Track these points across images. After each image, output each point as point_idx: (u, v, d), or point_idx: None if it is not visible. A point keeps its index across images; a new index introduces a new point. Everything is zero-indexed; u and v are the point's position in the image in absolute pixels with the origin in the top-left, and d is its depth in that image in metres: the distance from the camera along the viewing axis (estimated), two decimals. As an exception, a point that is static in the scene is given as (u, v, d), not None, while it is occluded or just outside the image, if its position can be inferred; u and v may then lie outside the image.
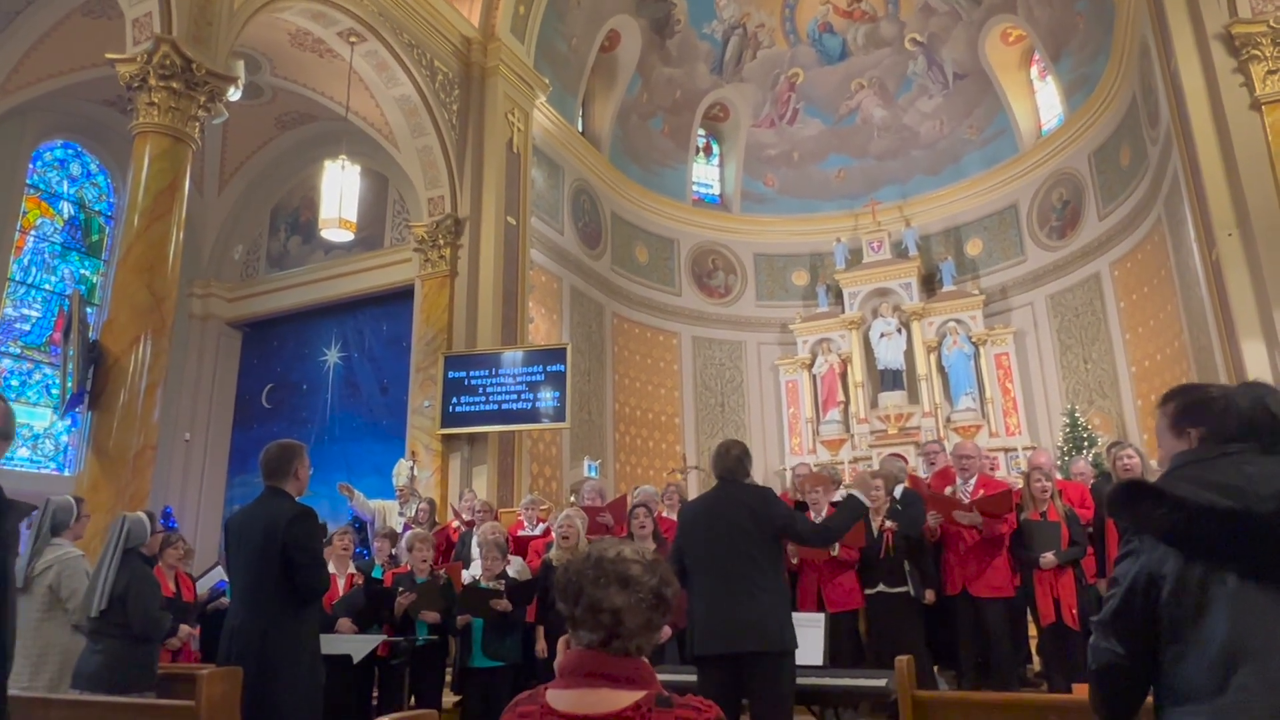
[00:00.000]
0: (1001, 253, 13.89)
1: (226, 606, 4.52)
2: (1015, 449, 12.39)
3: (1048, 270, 13.15)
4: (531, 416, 9.90)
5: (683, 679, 3.61)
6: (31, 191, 11.37)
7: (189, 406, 12.28)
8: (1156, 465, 5.30)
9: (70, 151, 11.96)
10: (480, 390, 9.94)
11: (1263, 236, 7.34)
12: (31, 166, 11.35)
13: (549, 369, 9.88)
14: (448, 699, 5.52)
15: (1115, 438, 10.46)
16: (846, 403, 13.93)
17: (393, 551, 6.53)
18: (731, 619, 3.45)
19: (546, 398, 9.82)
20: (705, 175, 15.84)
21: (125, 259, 7.17)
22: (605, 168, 13.90)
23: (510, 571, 5.53)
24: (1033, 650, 5.79)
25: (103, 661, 3.85)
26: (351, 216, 9.67)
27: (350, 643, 4.79)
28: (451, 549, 7.08)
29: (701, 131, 15.69)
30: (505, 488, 10.00)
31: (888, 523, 5.33)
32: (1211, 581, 1.51)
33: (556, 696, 1.48)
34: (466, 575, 5.81)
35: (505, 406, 9.86)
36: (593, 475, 11.14)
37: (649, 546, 5.10)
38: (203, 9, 7.66)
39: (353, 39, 9.94)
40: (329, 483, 9.17)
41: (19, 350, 11.05)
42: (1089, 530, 5.35)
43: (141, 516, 4.25)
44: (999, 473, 10.96)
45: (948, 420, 13.19)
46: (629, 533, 5.51)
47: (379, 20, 9.95)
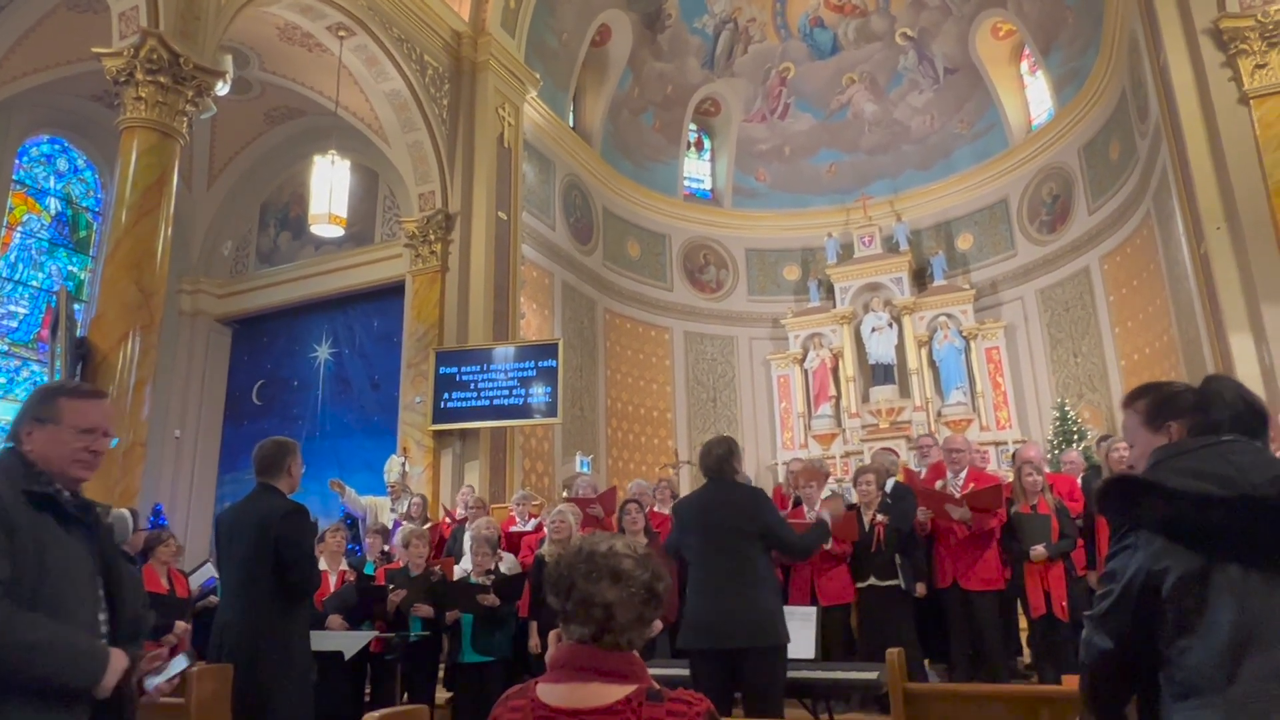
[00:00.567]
0: (992, 247, 13.94)
1: (216, 604, 4.50)
2: (1006, 442, 12.44)
3: (1038, 264, 13.20)
4: (523, 412, 9.89)
5: (674, 673, 3.61)
6: (18, 187, 11.28)
7: (179, 403, 12.22)
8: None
9: (57, 147, 11.87)
10: (472, 386, 9.92)
11: (1250, 230, 7.38)
12: (18, 162, 11.25)
13: (541, 364, 9.87)
14: (441, 695, 5.52)
15: (1105, 431, 10.51)
16: (838, 397, 13.96)
17: (385, 548, 6.52)
18: (722, 614, 3.47)
19: (538, 393, 9.81)
20: (697, 170, 15.83)
21: (113, 255, 7.13)
22: (596, 163, 13.88)
23: (503, 568, 5.53)
24: (1023, 642, 5.82)
25: None
26: (341, 212, 9.63)
27: (342, 639, 4.78)
28: (443, 544, 7.07)
29: (693, 126, 15.67)
30: (497, 483, 9.99)
31: (879, 516, 5.35)
32: (1214, 572, 1.51)
33: (547, 691, 1.48)
34: (459, 570, 5.81)
35: (497, 402, 9.84)
36: (585, 471, 11.15)
37: (641, 541, 5.10)
38: (190, 3, 7.60)
39: (342, 33, 9.88)
40: (320, 479, 9.15)
41: (6, 347, 10.97)
42: (1078, 523, 5.39)
43: (124, 513, 4.21)
44: (989, 466, 11.02)
45: (939, 414, 13.24)
46: (620, 527, 5.52)
47: (368, 14, 9.90)
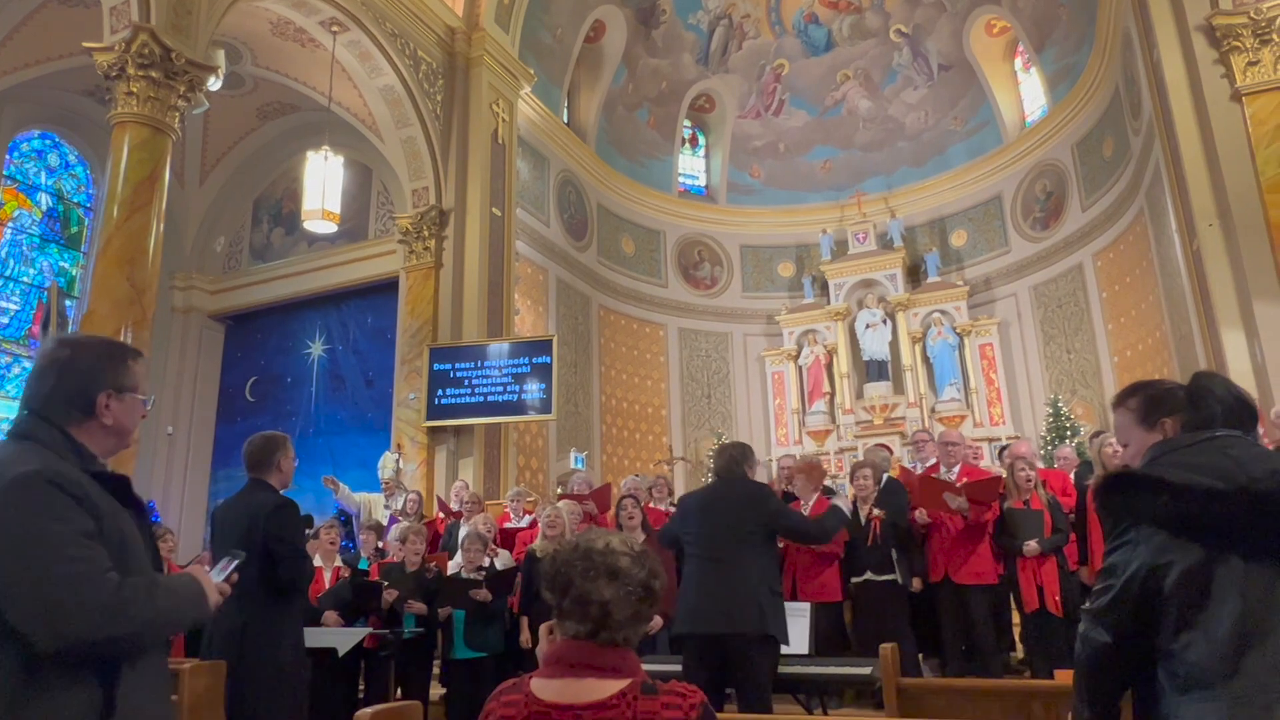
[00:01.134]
0: (986, 244, 13.96)
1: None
2: (999, 439, 12.46)
3: (1031, 261, 13.22)
4: (518, 409, 9.87)
5: (670, 668, 3.62)
6: (9, 183, 11.21)
7: (171, 400, 12.17)
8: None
9: (48, 142, 11.79)
10: (466, 383, 9.90)
11: (1242, 227, 7.41)
12: (8, 157, 11.18)
13: (535, 361, 9.86)
14: (435, 691, 5.52)
15: (1098, 427, 10.55)
16: (832, 393, 13.98)
17: (379, 544, 6.51)
18: (713, 600, 3.50)
19: (533, 390, 9.79)
20: (691, 166, 15.82)
21: (105, 251, 7.09)
22: (591, 159, 13.85)
23: (498, 564, 5.53)
24: (1016, 637, 5.84)
25: None
26: (335, 208, 9.60)
27: (336, 635, 4.77)
28: (438, 540, 7.06)
29: (687, 123, 15.65)
30: (491, 480, 9.98)
31: (875, 511, 5.36)
32: (1217, 566, 1.51)
33: (541, 686, 1.47)
34: (452, 566, 5.81)
35: (491, 399, 9.83)
36: (579, 467, 11.14)
37: (638, 538, 5.10)
38: (182, -3, 7.56)
39: (335, 28, 9.84)
40: (314, 476, 9.13)
41: (-3, 344, 10.92)
42: (1071, 518, 5.41)
43: None
44: (982, 462, 11.06)
45: (932, 410, 13.26)
46: (618, 523, 5.52)
47: (361, 9, 9.86)
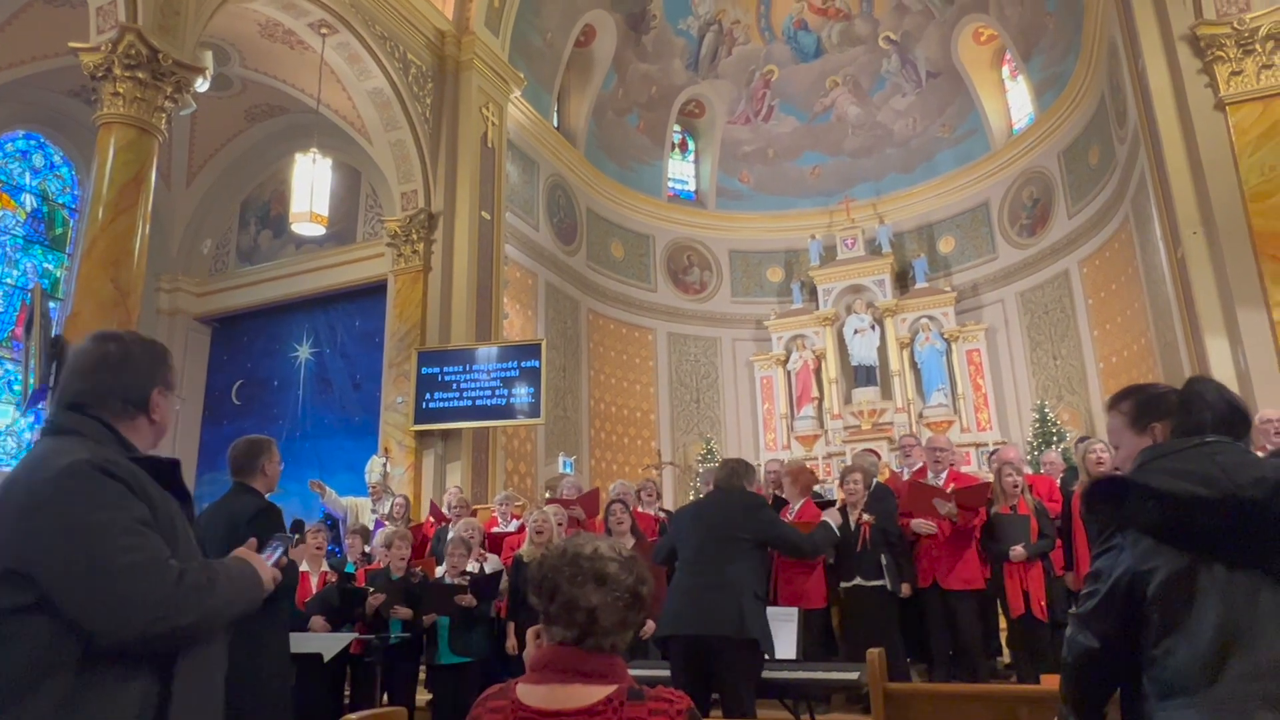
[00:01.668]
0: (973, 250, 14.04)
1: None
2: (986, 444, 12.53)
3: (1018, 268, 13.31)
4: (506, 413, 9.85)
5: (657, 673, 3.61)
6: (-8, 183, 11.11)
7: (157, 403, 12.05)
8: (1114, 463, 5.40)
9: (33, 142, 11.69)
10: (454, 386, 9.87)
11: (1226, 235, 7.47)
12: (-8, 158, 11.09)
13: (524, 365, 9.84)
14: (421, 696, 5.49)
15: (1083, 433, 10.62)
16: (820, 399, 14.02)
17: (366, 549, 6.47)
18: (697, 602, 3.51)
19: (521, 394, 9.77)
20: (681, 171, 15.85)
21: (89, 252, 7.03)
22: (581, 163, 13.86)
23: (487, 569, 5.51)
24: (1003, 642, 5.86)
25: None
26: (323, 210, 9.56)
27: (322, 641, 4.74)
28: (426, 545, 7.03)
29: (677, 128, 15.69)
30: (479, 484, 9.95)
31: (865, 516, 5.37)
32: (1200, 572, 1.52)
33: (527, 691, 1.47)
34: (440, 572, 5.78)
35: (479, 403, 9.80)
36: (568, 472, 11.12)
37: (627, 543, 5.10)
38: (169, -2, 7.52)
39: (324, 30, 9.81)
40: (301, 480, 9.08)
41: (-20, 346, 10.80)
42: (1057, 523, 5.44)
43: None
44: (969, 467, 11.10)
45: (920, 416, 13.32)
46: (606, 529, 5.51)
47: (351, 12, 9.83)
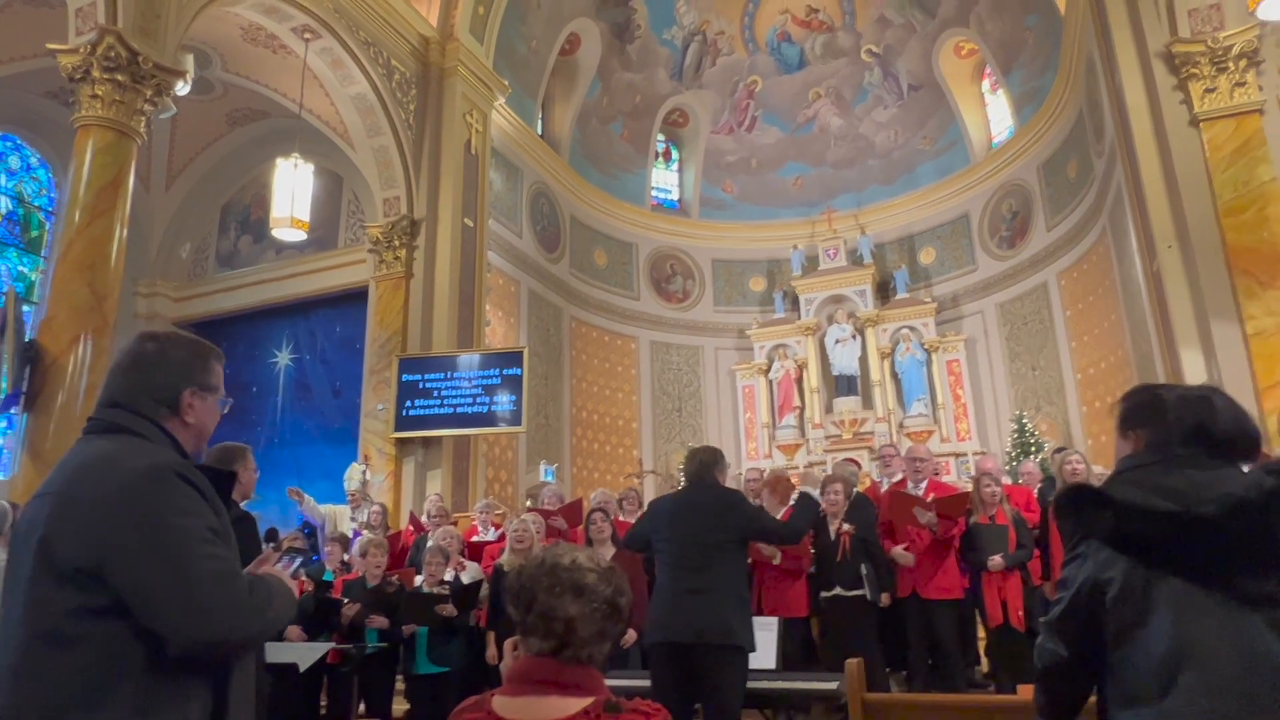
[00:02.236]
0: (953, 261, 14.17)
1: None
2: (965, 454, 12.63)
3: (997, 279, 13.44)
4: (487, 420, 9.81)
5: (635, 684, 3.60)
6: (-34, 185, 10.97)
7: (132, 409, 11.90)
8: (1100, 470, 5.45)
9: (9, 144, 11.54)
10: (435, 393, 9.82)
11: (1200, 249, 7.59)
12: (-33, 159, 10.94)
13: (505, 372, 9.81)
14: (399, 706, 5.44)
15: (1061, 443, 10.72)
16: (802, 408, 14.07)
17: (344, 557, 6.41)
18: (683, 610, 3.49)
19: (503, 401, 9.74)
20: (664, 180, 15.89)
21: (65, 256, 6.95)
22: (564, 171, 13.87)
23: (465, 578, 5.47)
24: (981, 651, 5.89)
25: None
26: (304, 216, 9.50)
27: (298, 650, 4.68)
28: (406, 554, 6.97)
29: (661, 137, 15.74)
30: (460, 492, 9.89)
31: (845, 526, 5.38)
32: (1155, 585, 1.52)
33: (503, 703, 1.45)
34: (419, 581, 5.73)
35: (461, 410, 9.75)
36: (549, 480, 11.08)
37: (607, 552, 5.09)
38: (150, 1, 7.45)
39: (307, 35, 9.77)
40: (279, 487, 8.96)
41: (-49, 349, 10.62)
42: (1035, 533, 5.48)
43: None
44: (949, 477, 11.18)
45: (900, 425, 13.39)
46: (587, 538, 5.49)
47: (334, 17, 9.80)
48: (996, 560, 5.15)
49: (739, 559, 3.75)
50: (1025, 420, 11.95)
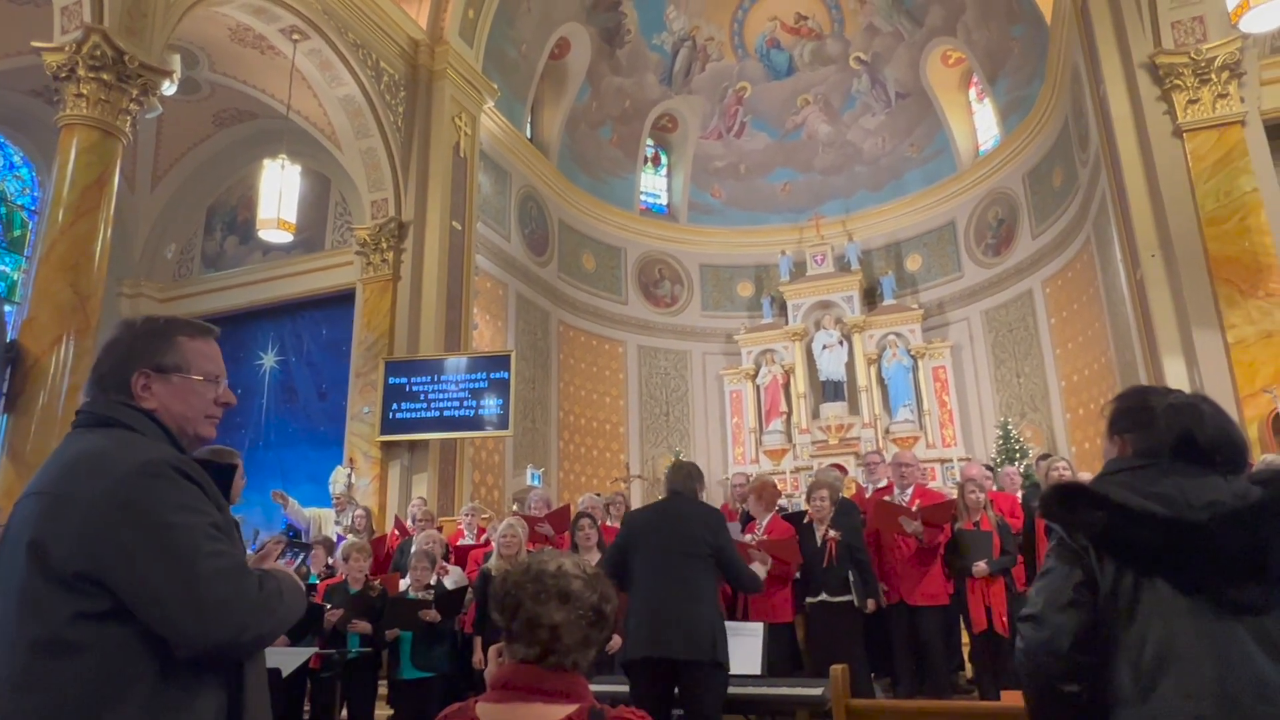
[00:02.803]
0: (940, 268, 14.26)
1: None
2: (951, 460, 12.69)
3: (983, 286, 13.53)
4: (474, 424, 9.77)
5: (618, 690, 3.59)
6: (-52, 183, 10.85)
7: (115, 410, 11.79)
8: (1087, 477, 5.49)
9: (-9, 142, 11.45)
10: (422, 397, 9.78)
11: (1183, 258, 7.67)
12: (-52, 157, 10.83)
13: (493, 376, 9.78)
14: (382, 712, 5.40)
15: (1045, 450, 10.79)
16: (789, 413, 14.10)
17: (329, 561, 6.37)
18: (663, 624, 3.48)
19: (490, 405, 9.71)
20: (653, 185, 15.91)
21: (48, 255, 6.88)
22: (553, 175, 13.86)
23: (448, 582, 5.45)
24: (965, 657, 5.91)
25: None
26: (291, 217, 9.45)
27: (280, 655, 4.64)
28: (390, 558, 6.94)
29: (650, 142, 15.76)
30: (446, 496, 9.85)
31: (831, 532, 5.39)
32: (1144, 588, 1.53)
33: (487, 710, 1.45)
34: (403, 585, 5.70)
35: (447, 413, 9.71)
36: (536, 484, 11.05)
37: (594, 558, 5.07)
38: (136, 0, 7.41)
39: (296, 36, 9.73)
40: (263, 490, 8.91)
41: (-70, 349, 10.49)
42: (1019, 540, 5.51)
43: None
44: (934, 483, 11.22)
45: (886, 431, 13.45)
46: (573, 543, 5.47)
47: (323, 18, 9.76)
48: (981, 566, 5.18)
49: (714, 570, 3.72)
50: (1010, 427, 12.02)
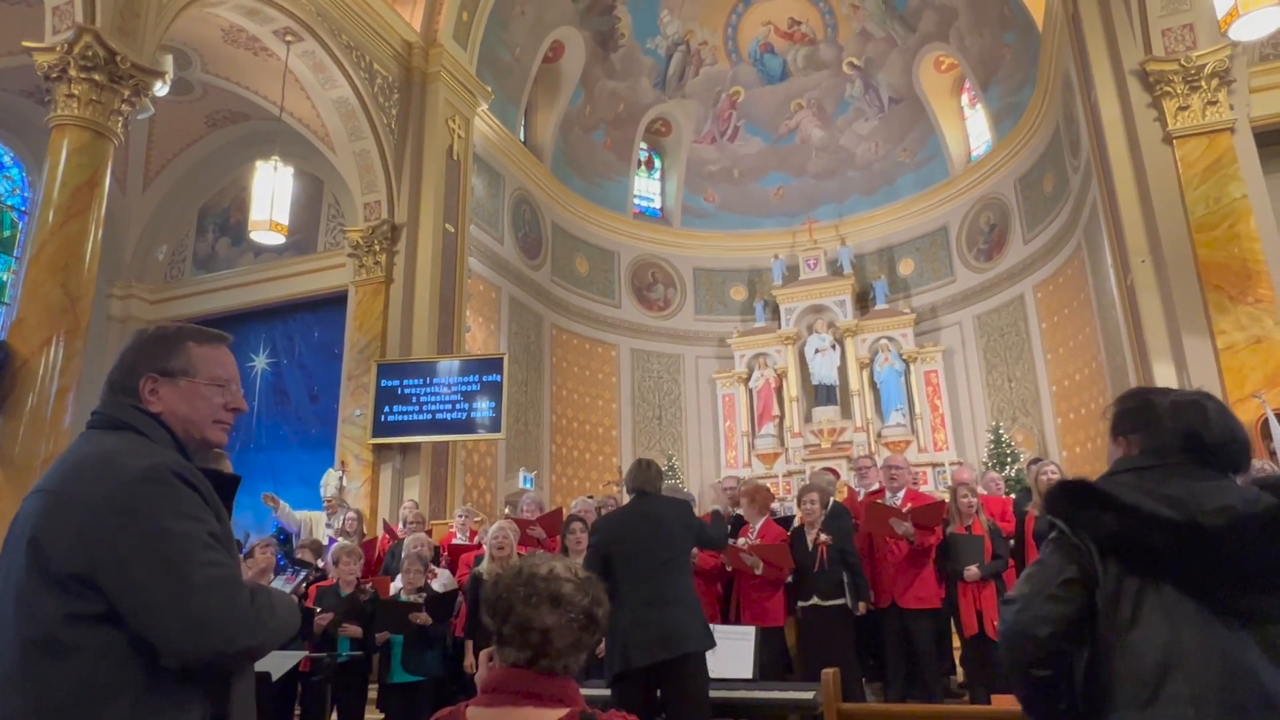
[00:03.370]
0: (932, 273, 14.31)
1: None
2: (943, 464, 12.72)
3: (975, 291, 13.58)
4: (466, 427, 9.75)
5: (604, 693, 3.58)
6: (-63, 183, 10.78)
7: (105, 412, 11.72)
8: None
9: (-18, 142, 11.38)
10: (414, 399, 9.76)
11: (1173, 264, 7.71)
12: (-62, 156, 10.76)
13: (485, 379, 9.76)
14: (372, 715, 5.38)
15: (1037, 454, 10.83)
16: (781, 417, 14.12)
17: (319, 564, 6.35)
18: (658, 629, 3.51)
19: (482, 408, 9.69)
20: (647, 189, 15.93)
21: (38, 256, 6.84)
22: (547, 178, 13.86)
23: (436, 585, 5.43)
24: (956, 661, 5.92)
25: None
26: (283, 219, 9.42)
27: (270, 659, 4.61)
28: (379, 561, 6.91)
29: (644, 145, 15.78)
30: (438, 499, 9.82)
31: (822, 536, 5.39)
32: (1149, 591, 1.51)
33: (477, 714, 1.45)
34: (394, 588, 5.69)
35: (439, 416, 9.69)
36: (528, 487, 11.04)
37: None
38: (129, 0, 7.38)
39: (289, 38, 9.71)
40: (254, 493, 8.87)
41: (-82, 350, 10.41)
42: (1010, 544, 5.53)
43: None
44: (925, 487, 11.26)
45: (879, 435, 13.48)
46: (564, 547, 5.46)
47: (317, 20, 9.75)
48: (972, 570, 5.19)
49: (689, 563, 4.00)
50: (1002, 431, 12.06)
